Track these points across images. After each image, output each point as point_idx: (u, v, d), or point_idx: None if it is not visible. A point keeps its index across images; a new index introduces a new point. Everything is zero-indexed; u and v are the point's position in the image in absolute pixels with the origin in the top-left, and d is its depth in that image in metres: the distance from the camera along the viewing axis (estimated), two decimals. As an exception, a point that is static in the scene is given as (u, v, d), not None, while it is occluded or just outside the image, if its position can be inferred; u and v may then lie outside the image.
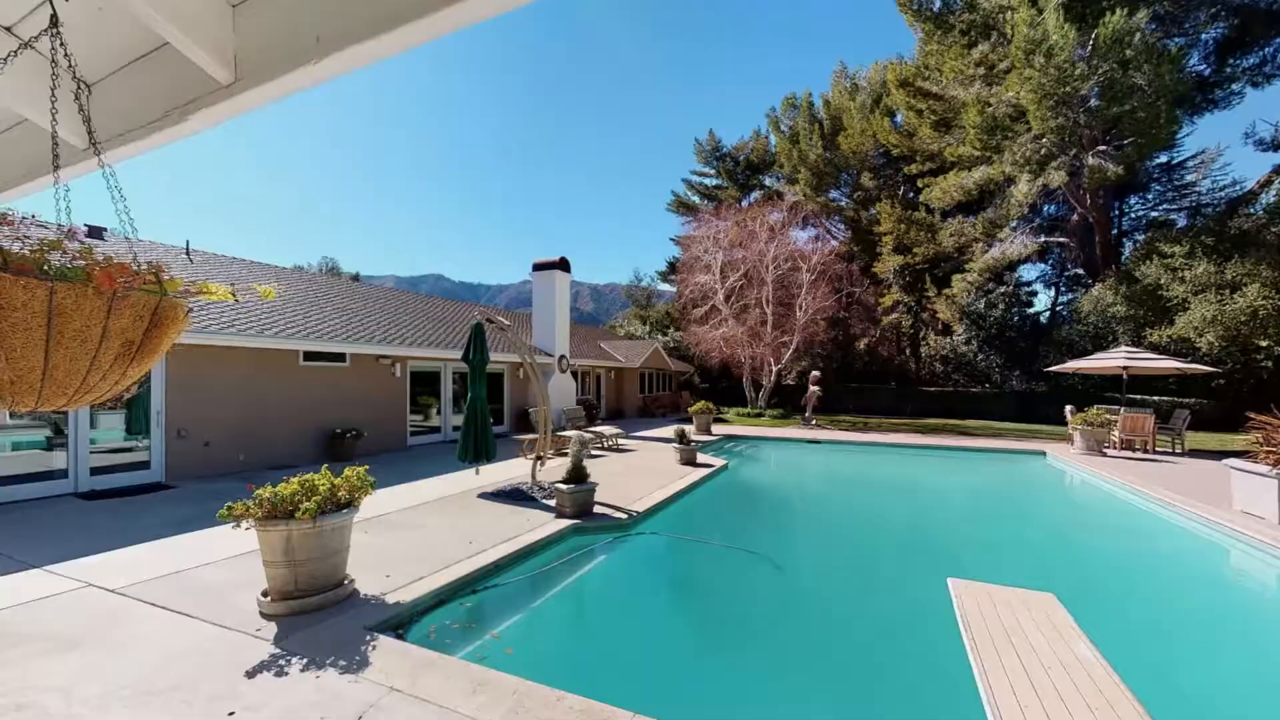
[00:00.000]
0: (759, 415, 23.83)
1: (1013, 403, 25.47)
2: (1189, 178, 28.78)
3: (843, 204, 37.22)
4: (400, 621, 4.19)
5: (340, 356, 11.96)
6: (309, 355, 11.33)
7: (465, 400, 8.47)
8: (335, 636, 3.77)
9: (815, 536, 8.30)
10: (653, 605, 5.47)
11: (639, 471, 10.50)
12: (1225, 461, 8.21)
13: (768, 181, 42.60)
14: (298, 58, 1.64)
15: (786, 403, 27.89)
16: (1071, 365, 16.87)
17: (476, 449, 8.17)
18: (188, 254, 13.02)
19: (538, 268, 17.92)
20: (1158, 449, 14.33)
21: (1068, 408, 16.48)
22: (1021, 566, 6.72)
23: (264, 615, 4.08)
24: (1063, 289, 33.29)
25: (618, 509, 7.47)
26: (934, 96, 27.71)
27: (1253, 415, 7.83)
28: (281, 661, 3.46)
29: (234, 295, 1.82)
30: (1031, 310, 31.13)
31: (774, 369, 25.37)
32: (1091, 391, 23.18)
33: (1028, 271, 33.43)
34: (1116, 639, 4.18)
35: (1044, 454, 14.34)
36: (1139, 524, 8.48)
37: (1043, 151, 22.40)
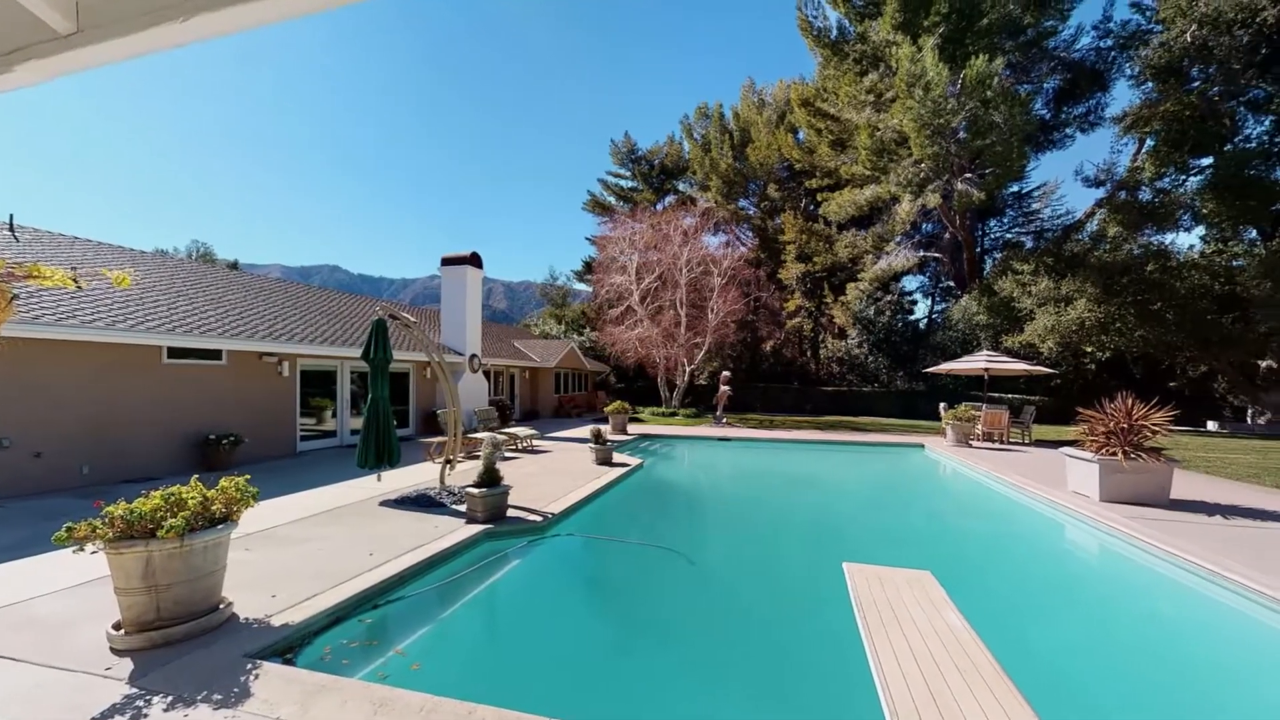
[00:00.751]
0: (673, 414, 24.42)
1: (898, 401, 28.15)
2: (1034, 206, 33.57)
3: (751, 212, 39.15)
4: (289, 645, 3.81)
5: (215, 353, 10.66)
6: (175, 352, 9.98)
7: (365, 401, 7.89)
8: (209, 668, 3.35)
9: (726, 530, 8.64)
10: (569, 607, 5.42)
11: (554, 472, 10.35)
12: (1061, 450, 9.62)
13: (681, 186, 43.81)
14: (159, 13, 1.43)
15: (699, 402, 28.83)
16: (944, 367, 18.99)
17: (378, 453, 7.64)
18: (11, 230, 11.00)
19: (447, 262, 17.11)
20: (1011, 440, 16.48)
21: (941, 405, 18.50)
22: (905, 548, 7.43)
23: (116, 651, 3.53)
24: (937, 299, 37.40)
25: (533, 511, 7.31)
26: (831, 118, 29.94)
27: (1081, 410, 9.25)
28: (139, 702, 3.02)
29: (76, 281, 1.56)
30: (912, 317, 34.65)
31: (687, 369, 26.13)
32: (960, 390, 26.19)
33: (909, 282, 37.20)
34: (980, 607, 4.75)
35: (923, 447, 15.98)
36: (997, 505, 9.71)
37: (921, 175, 24.95)
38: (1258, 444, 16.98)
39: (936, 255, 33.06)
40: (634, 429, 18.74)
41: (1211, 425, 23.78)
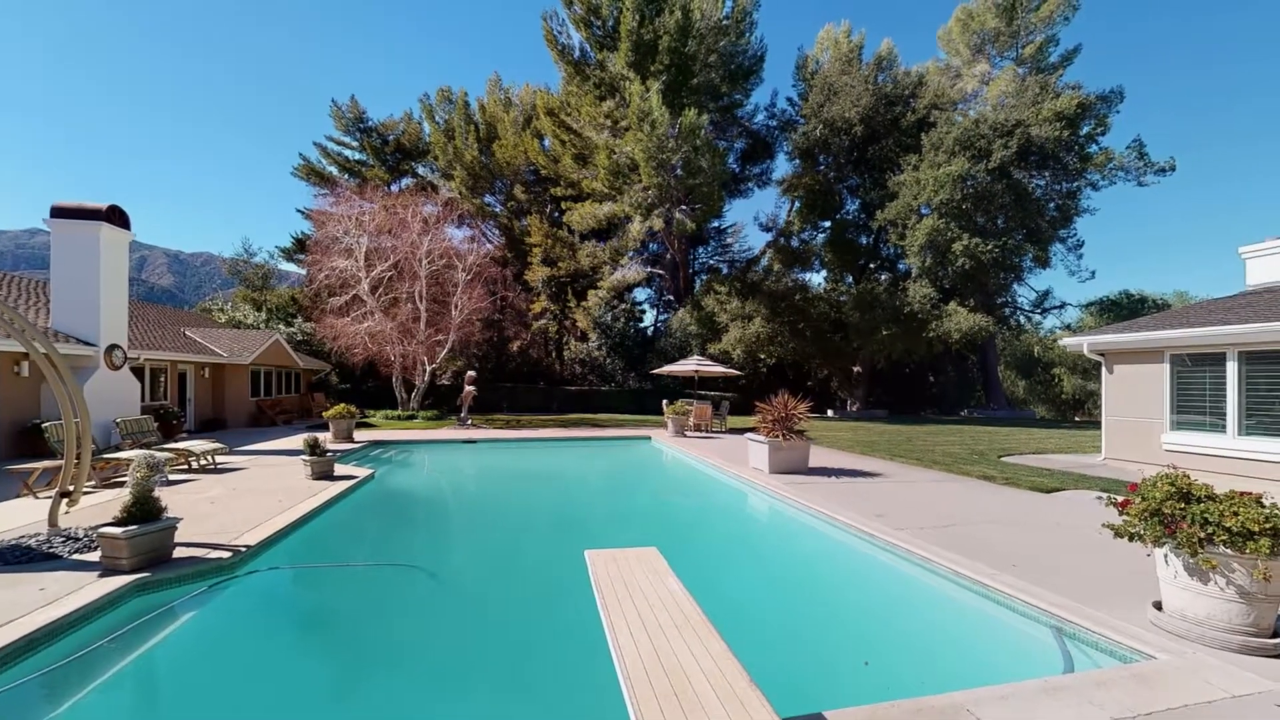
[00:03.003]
0: (412, 417, 22.33)
1: (631, 398, 31.49)
2: (729, 240, 41.99)
3: (497, 210, 38.62)
4: None
5: None
6: None
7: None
8: None
9: (471, 536, 8.33)
10: (271, 658, 4.44)
11: (251, 494, 8.36)
12: (745, 435, 12.21)
13: (421, 170, 40.48)
14: None
15: (442, 403, 27.03)
16: (665, 369, 22.13)
17: (-84, 496, 4.96)
18: None
19: (62, 214, 12.16)
20: (713, 429, 20.14)
21: (664, 401, 21.45)
22: (637, 528, 8.38)
23: None
24: (661, 310, 43.25)
25: (216, 547, 5.76)
26: (574, 132, 31.74)
27: (757, 403, 11.93)
28: None
29: None
30: (642, 325, 39.26)
31: (428, 368, 24.22)
32: (678, 389, 30.76)
33: (640, 293, 42.07)
34: (692, 570, 5.66)
35: (649, 438, 18.25)
36: (703, 483, 11.76)
37: (649, 201, 28.49)
38: (853, 424, 24.69)
39: (660, 272, 38.28)
40: (364, 435, 16.48)
41: (830, 412, 33.44)
